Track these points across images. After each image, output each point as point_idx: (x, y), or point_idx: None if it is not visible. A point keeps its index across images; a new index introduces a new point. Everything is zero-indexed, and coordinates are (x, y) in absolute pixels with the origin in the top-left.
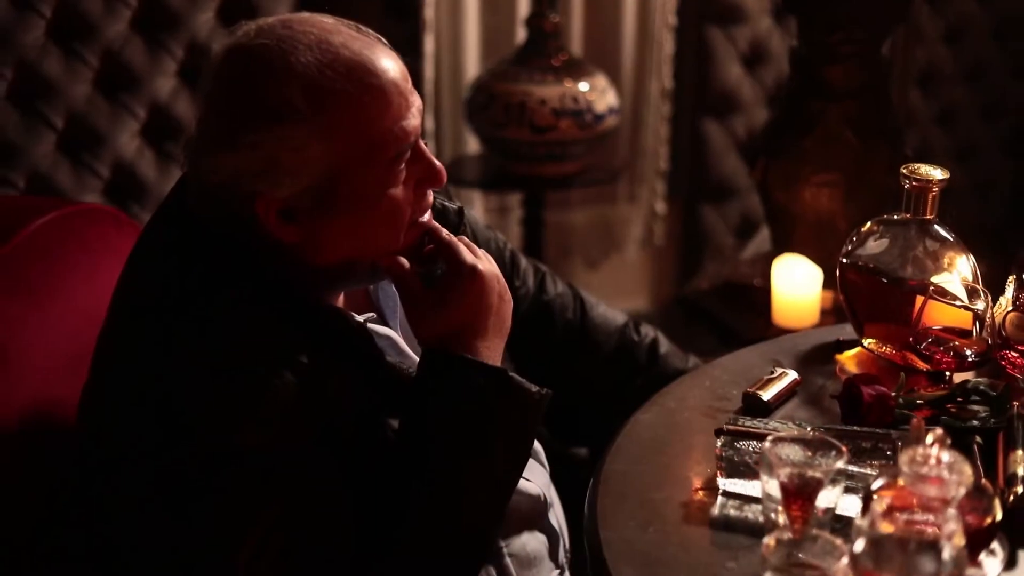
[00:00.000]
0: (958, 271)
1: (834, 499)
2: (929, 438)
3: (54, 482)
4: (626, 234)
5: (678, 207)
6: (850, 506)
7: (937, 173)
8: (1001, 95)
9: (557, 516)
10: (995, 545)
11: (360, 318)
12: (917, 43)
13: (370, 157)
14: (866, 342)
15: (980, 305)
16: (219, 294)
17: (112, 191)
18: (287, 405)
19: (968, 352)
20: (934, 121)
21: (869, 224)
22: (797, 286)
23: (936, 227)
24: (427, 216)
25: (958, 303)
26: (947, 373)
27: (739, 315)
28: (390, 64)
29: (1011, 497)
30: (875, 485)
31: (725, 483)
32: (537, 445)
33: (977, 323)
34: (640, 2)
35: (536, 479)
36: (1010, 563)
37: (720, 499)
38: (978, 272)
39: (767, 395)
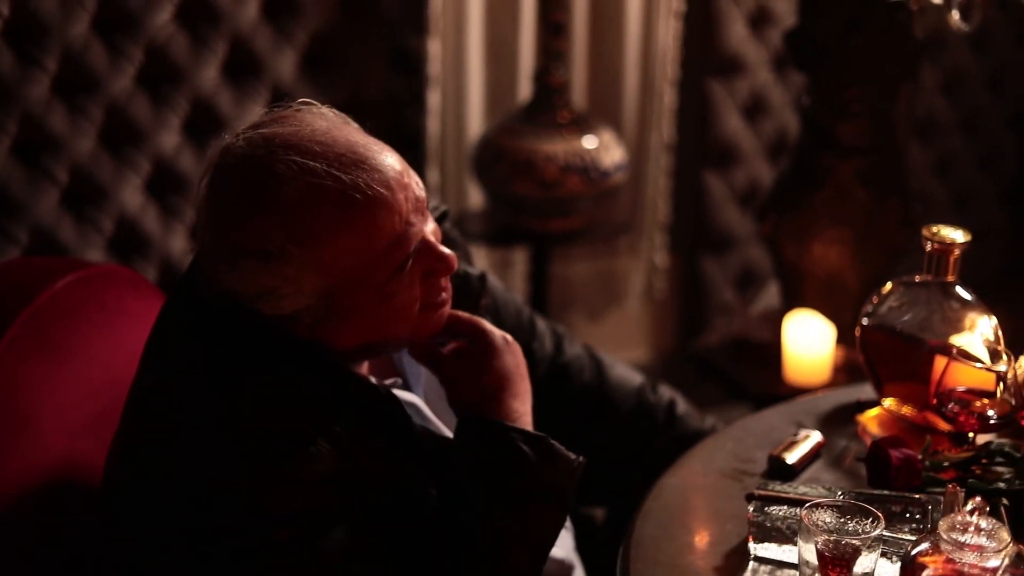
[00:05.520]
0: (980, 332)
1: (871, 565)
2: (969, 505)
3: (78, 545)
4: (627, 287)
5: (679, 259)
6: (887, 572)
7: (959, 235)
8: (998, 145)
9: None
10: None
11: (385, 384)
12: (916, 95)
13: (369, 274)
14: (886, 402)
15: (1003, 366)
16: (249, 361)
17: (115, 246)
18: (322, 472)
19: (991, 413)
20: (931, 171)
21: (890, 285)
22: (809, 343)
23: (958, 288)
24: (444, 296)
25: (981, 364)
26: (970, 434)
27: (750, 371)
28: (390, 162)
29: None
30: (915, 551)
31: (756, 548)
32: None
33: (1000, 384)
34: (642, 56)
35: (562, 544)
36: None
37: (752, 564)
38: (999, 333)
39: (792, 458)
